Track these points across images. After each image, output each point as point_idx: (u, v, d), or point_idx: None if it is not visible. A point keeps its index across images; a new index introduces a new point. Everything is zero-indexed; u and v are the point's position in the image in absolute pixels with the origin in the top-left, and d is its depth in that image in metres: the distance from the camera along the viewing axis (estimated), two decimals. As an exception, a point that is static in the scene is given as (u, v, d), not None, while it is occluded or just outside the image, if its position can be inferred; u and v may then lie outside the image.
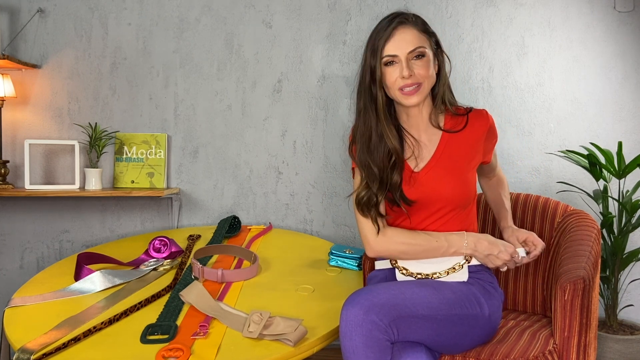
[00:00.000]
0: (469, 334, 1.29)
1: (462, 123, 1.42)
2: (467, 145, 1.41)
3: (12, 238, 2.41)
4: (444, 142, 1.41)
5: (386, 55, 1.33)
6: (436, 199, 1.38)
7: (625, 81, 2.24)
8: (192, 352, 1.21)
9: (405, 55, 1.32)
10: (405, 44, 1.32)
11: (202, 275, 1.62)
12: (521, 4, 2.27)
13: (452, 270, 1.36)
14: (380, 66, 1.34)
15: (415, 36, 1.33)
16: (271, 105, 2.37)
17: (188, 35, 2.38)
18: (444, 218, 1.39)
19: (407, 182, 1.38)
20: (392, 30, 1.32)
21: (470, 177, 1.41)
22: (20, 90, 2.36)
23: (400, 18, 1.34)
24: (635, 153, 2.18)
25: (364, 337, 1.13)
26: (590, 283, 1.35)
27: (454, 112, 1.43)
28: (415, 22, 1.35)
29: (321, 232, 2.37)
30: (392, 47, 1.32)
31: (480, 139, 1.42)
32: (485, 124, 1.42)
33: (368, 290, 1.20)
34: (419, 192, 1.38)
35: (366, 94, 1.38)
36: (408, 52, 1.32)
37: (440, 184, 1.38)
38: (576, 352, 1.34)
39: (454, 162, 1.40)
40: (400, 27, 1.33)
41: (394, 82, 1.33)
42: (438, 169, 1.39)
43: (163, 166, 2.35)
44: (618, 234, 2.04)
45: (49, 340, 1.27)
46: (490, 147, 1.47)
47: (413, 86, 1.32)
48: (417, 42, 1.33)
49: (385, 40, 1.32)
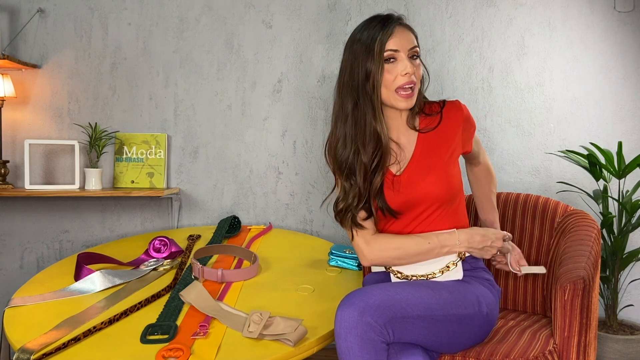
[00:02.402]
0: (466, 333, 1.29)
1: (436, 120, 1.42)
2: (444, 140, 1.41)
3: (12, 238, 2.41)
4: (421, 141, 1.41)
5: (388, 49, 1.31)
6: (422, 199, 1.37)
7: (625, 81, 2.24)
8: (192, 352, 1.21)
9: (406, 51, 1.33)
10: (407, 42, 1.34)
11: (202, 275, 1.62)
12: (521, 4, 2.27)
13: (447, 269, 1.36)
14: (381, 63, 1.31)
15: (412, 37, 1.37)
16: (271, 105, 2.37)
17: (188, 35, 2.38)
18: (432, 216, 1.38)
19: (390, 187, 1.37)
20: (393, 27, 1.33)
21: (452, 170, 1.40)
22: (20, 90, 2.36)
23: (397, 18, 1.37)
24: (635, 153, 2.18)
25: (359, 338, 1.12)
26: (590, 283, 1.35)
27: (426, 113, 1.44)
28: (410, 27, 1.39)
29: (321, 232, 2.37)
30: (394, 42, 1.32)
31: (456, 131, 1.42)
32: (459, 115, 1.42)
33: (363, 291, 1.19)
34: (403, 196, 1.37)
35: (358, 93, 1.34)
36: (409, 48, 1.34)
37: (423, 184, 1.37)
38: (576, 352, 1.34)
39: (433, 159, 1.39)
40: (400, 26, 1.35)
41: (394, 80, 1.32)
42: (419, 169, 1.39)
43: (163, 166, 2.35)
44: (618, 234, 2.04)
45: (49, 340, 1.27)
46: (468, 137, 1.46)
47: (411, 85, 1.33)
48: (413, 41, 1.36)
49: (388, 36, 1.32)
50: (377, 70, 1.31)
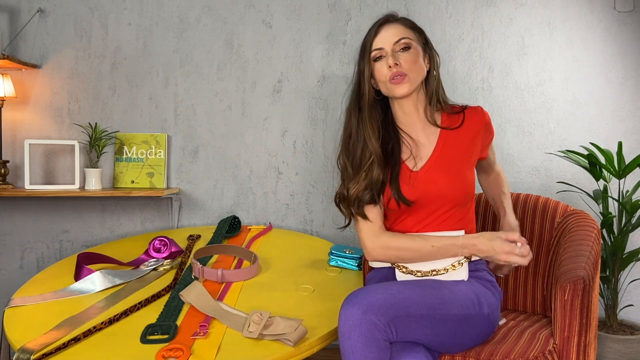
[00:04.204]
0: (467, 333, 1.29)
1: (459, 120, 1.44)
2: (465, 142, 1.42)
3: (12, 238, 2.41)
4: (442, 140, 1.42)
5: (374, 49, 1.38)
6: (436, 198, 1.38)
7: (625, 81, 2.24)
8: (192, 352, 1.21)
9: (391, 46, 1.36)
10: (390, 37, 1.37)
11: (202, 275, 1.62)
12: (521, 4, 2.27)
13: (452, 268, 1.36)
14: (369, 64, 1.38)
15: (401, 30, 1.38)
16: (271, 105, 2.37)
17: (188, 35, 2.38)
18: (443, 216, 1.39)
19: (407, 182, 1.38)
20: (378, 27, 1.39)
21: (469, 174, 1.42)
22: (20, 90, 2.36)
23: (387, 17, 1.41)
24: (635, 153, 2.18)
25: (363, 337, 1.13)
26: (590, 283, 1.35)
27: (449, 111, 1.45)
28: (403, 20, 1.41)
29: (321, 232, 2.37)
30: (378, 41, 1.38)
31: (477, 135, 1.44)
32: (481, 120, 1.44)
33: (367, 290, 1.20)
34: (418, 192, 1.38)
35: (353, 95, 1.43)
36: (393, 43, 1.36)
37: (440, 183, 1.38)
38: (576, 352, 1.34)
39: (452, 160, 1.40)
40: (386, 24, 1.39)
41: (384, 75, 1.37)
42: (437, 167, 1.40)
43: (163, 166, 2.35)
44: (618, 234, 2.04)
45: (49, 340, 1.27)
46: (487, 143, 1.49)
47: (399, 76, 1.35)
48: (401, 34, 1.37)
49: (373, 37, 1.38)
50: (366, 69, 1.39)
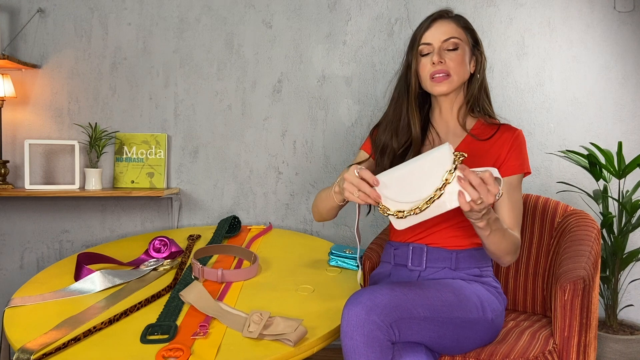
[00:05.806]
0: (470, 337, 1.29)
1: (490, 133, 1.41)
2: (488, 157, 1.38)
3: (12, 238, 2.41)
4: (464, 146, 1.40)
5: (422, 43, 1.38)
6: None
7: (625, 81, 2.24)
8: (192, 352, 1.21)
9: (439, 44, 1.37)
10: (440, 34, 1.37)
11: (202, 275, 1.62)
12: (521, 4, 2.27)
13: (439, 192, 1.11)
14: (416, 57, 1.40)
15: (452, 28, 1.38)
16: (271, 105, 2.37)
17: (188, 35, 2.38)
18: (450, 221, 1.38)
19: None
20: (430, 22, 1.39)
21: None
22: (20, 90, 2.36)
23: (441, 12, 1.41)
24: (635, 153, 2.18)
25: (365, 337, 1.13)
26: (590, 283, 1.35)
27: (487, 121, 1.43)
28: (456, 18, 1.42)
29: (321, 232, 2.37)
30: (428, 35, 1.38)
31: (502, 150, 1.37)
32: (510, 135, 1.39)
33: (370, 290, 1.20)
34: None
35: (401, 83, 1.44)
36: (442, 40, 1.37)
37: None
38: (576, 352, 1.34)
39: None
40: (439, 19, 1.40)
41: (427, 70, 1.38)
42: None
43: (163, 166, 2.35)
44: (618, 234, 2.04)
45: (49, 340, 1.27)
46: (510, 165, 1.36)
47: (442, 74, 1.36)
48: (452, 33, 1.37)
49: (424, 30, 1.39)
50: (413, 62, 1.40)
